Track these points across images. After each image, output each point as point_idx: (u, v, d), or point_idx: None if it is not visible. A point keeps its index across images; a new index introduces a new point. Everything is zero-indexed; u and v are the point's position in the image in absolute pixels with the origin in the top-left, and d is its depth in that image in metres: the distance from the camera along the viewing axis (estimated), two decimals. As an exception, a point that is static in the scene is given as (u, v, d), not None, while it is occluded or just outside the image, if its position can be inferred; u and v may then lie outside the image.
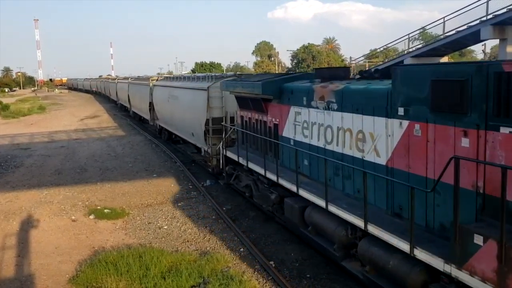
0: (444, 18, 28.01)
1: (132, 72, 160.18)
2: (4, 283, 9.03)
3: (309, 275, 9.07)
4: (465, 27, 25.73)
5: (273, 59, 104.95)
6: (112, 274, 8.70)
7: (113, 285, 8.38)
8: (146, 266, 9.05)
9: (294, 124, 10.49)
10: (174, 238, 11.37)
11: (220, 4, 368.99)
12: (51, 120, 42.29)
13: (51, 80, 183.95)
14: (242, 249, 10.49)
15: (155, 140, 27.30)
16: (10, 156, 23.09)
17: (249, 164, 12.13)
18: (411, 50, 32.28)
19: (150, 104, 28.06)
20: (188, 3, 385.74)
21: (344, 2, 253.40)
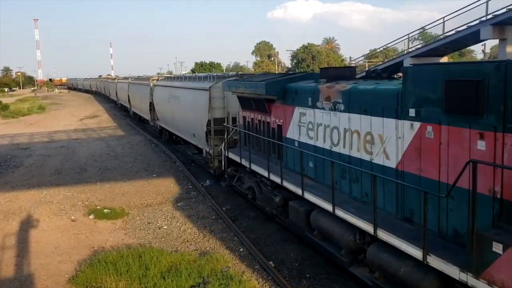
0: (443, 18, 28.03)
1: (132, 72, 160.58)
2: (4, 283, 9.00)
3: (308, 275, 9.06)
4: (464, 27, 25.72)
5: (272, 59, 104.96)
6: (111, 274, 8.69)
7: (113, 285, 8.36)
8: (145, 266, 9.04)
9: (299, 125, 10.27)
10: (174, 238, 11.34)
11: (220, 4, 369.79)
12: (50, 120, 42.23)
13: (50, 80, 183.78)
14: (241, 249, 10.47)
15: (154, 140, 27.24)
16: (10, 156, 23.00)
17: (252, 166, 11.93)
18: (410, 50, 32.27)
19: (151, 104, 27.84)
20: (188, 3, 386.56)
21: (343, 2, 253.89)
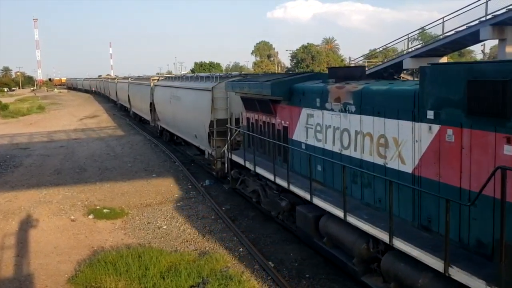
0: (443, 18, 28.03)
1: (131, 72, 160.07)
2: (3, 283, 9.02)
3: (308, 275, 9.07)
4: (464, 27, 25.71)
5: (272, 59, 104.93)
6: (111, 274, 8.70)
7: (112, 285, 8.37)
8: (145, 266, 9.04)
9: (306, 127, 9.89)
10: (173, 238, 11.36)
11: (220, 4, 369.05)
12: (50, 120, 42.26)
13: (50, 79, 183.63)
14: (241, 249, 10.48)
15: (154, 140, 27.28)
16: (9, 156, 23.07)
17: (257, 168, 11.52)
18: (410, 50, 32.28)
19: (151, 104, 27.66)
20: (188, 3, 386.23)
21: (343, 2, 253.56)
